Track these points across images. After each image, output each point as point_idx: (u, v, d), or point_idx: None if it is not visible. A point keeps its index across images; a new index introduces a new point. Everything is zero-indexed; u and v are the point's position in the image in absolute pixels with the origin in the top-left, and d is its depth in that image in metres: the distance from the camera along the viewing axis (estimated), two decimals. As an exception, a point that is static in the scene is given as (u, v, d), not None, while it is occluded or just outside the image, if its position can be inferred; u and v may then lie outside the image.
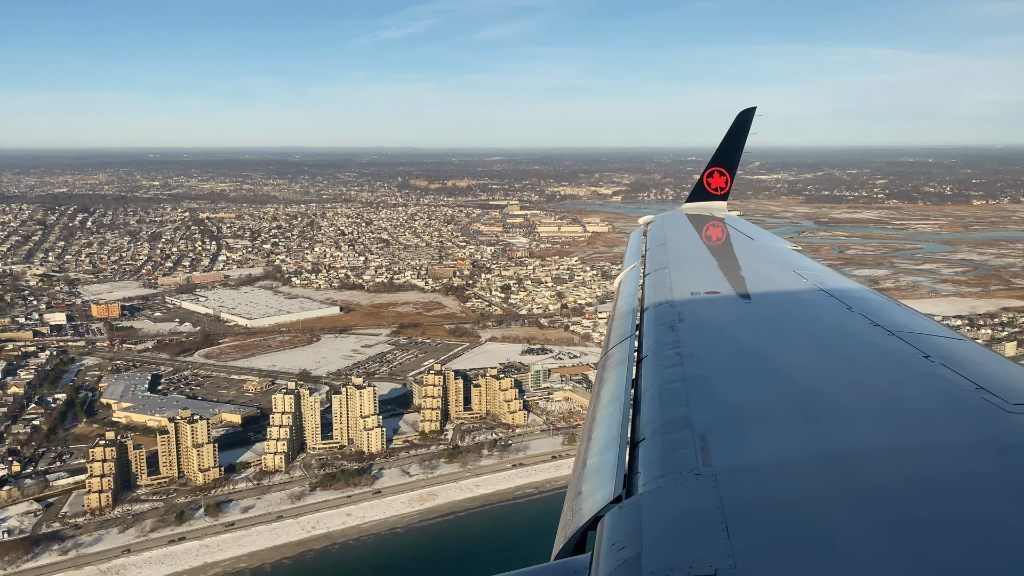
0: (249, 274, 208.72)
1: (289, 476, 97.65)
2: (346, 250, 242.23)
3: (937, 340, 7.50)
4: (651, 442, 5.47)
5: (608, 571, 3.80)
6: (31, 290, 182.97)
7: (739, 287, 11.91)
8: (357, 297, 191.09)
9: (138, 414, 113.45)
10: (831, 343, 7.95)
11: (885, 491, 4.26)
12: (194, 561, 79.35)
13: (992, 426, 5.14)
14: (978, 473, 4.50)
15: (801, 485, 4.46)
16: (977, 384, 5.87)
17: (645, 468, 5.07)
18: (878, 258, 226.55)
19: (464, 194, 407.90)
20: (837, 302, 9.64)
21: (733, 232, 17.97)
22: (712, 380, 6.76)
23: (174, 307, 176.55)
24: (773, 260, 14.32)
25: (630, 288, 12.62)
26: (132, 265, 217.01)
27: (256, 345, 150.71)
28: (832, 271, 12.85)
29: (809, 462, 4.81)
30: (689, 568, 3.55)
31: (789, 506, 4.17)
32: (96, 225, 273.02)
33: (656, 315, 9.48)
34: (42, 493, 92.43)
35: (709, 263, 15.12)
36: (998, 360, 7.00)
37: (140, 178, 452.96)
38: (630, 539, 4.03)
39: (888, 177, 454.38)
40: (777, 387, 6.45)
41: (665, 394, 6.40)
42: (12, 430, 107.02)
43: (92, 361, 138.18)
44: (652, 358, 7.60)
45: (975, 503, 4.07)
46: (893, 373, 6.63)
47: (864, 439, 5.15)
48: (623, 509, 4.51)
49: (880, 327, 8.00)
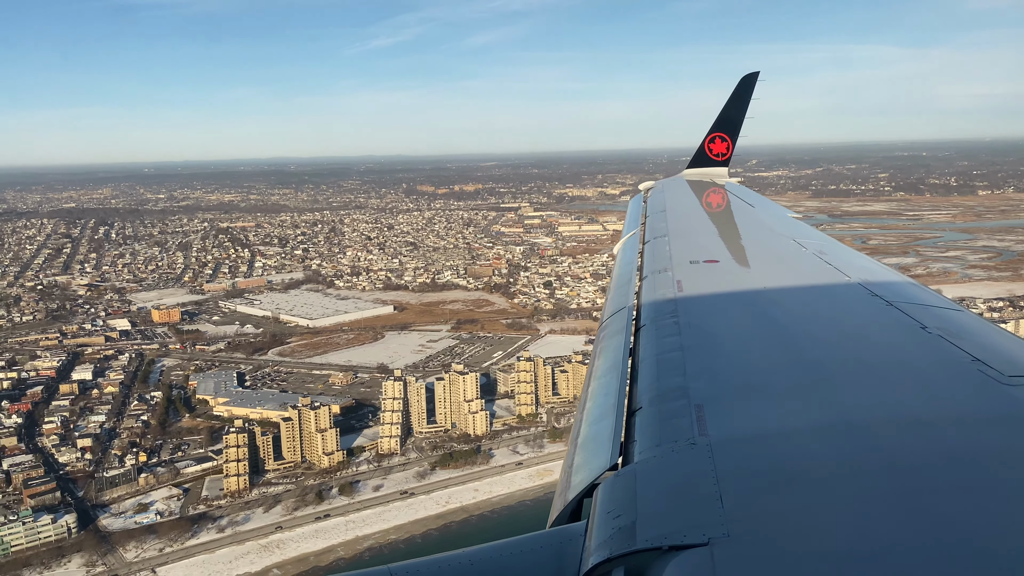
0: (291, 278, 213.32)
1: (405, 458, 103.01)
2: (378, 253, 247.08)
3: (935, 310, 7.53)
4: (647, 411, 5.52)
5: (603, 539, 3.89)
6: (83, 299, 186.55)
7: (739, 256, 11.98)
8: (404, 297, 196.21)
9: (238, 407, 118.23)
10: (829, 312, 8.02)
11: (878, 462, 4.32)
12: (346, 535, 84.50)
13: (987, 398, 5.18)
14: (972, 444, 4.55)
15: (794, 455, 4.54)
16: (974, 356, 5.88)
17: (641, 437, 5.10)
18: (901, 247, 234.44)
19: (472, 198, 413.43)
20: (836, 271, 9.68)
21: (734, 200, 17.90)
22: (709, 350, 6.84)
23: (229, 311, 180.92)
24: (773, 228, 14.36)
25: (629, 256, 12.63)
26: (171, 273, 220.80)
27: (324, 343, 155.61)
28: (832, 240, 12.95)
29: (803, 432, 4.88)
30: (683, 536, 3.61)
31: (783, 476, 4.24)
32: (120, 237, 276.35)
33: (654, 284, 9.53)
34: (175, 480, 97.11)
35: (709, 231, 15.13)
36: (996, 331, 7.01)
37: (144, 192, 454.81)
38: (625, 507, 4.09)
39: (888, 171, 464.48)
40: (774, 357, 6.51)
41: (662, 363, 6.46)
42: (123, 425, 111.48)
43: (171, 362, 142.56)
44: (650, 327, 7.64)
45: (970, 474, 4.14)
46: (890, 344, 6.69)
47: (859, 410, 5.19)
48: (619, 478, 4.58)
49: (879, 297, 7.97)
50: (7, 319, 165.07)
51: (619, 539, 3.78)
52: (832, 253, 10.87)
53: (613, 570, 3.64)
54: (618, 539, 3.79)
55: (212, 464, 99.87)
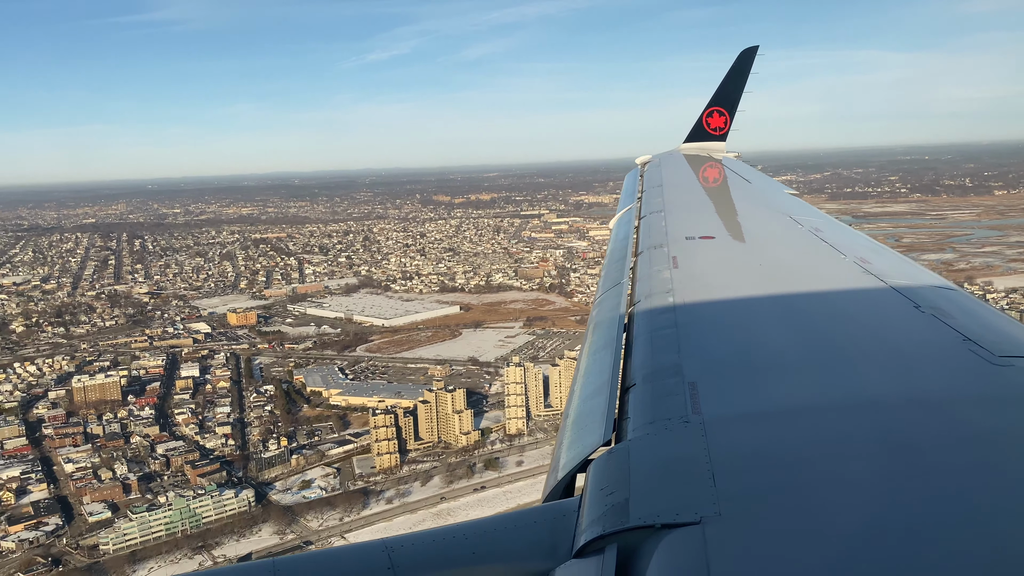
0: (346, 283, 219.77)
1: (533, 438, 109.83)
2: (421, 259, 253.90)
3: (928, 290, 7.57)
4: (641, 388, 5.55)
5: (596, 515, 3.91)
6: (151, 306, 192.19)
7: (735, 232, 12.06)
8: (463, 298, 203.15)
9: (353, 397, 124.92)
10: (823, 290, 8.07)
11: (870, 441, 4.36)
12: (507, 503, 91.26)
13: (977, 378, 5.24)
14: (964, 424, 4.59)
15: (787, 434, 4.58)
16: (965, 335, 5.91)
17: (635, 414, 5.14)
18: (936, 244, 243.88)
19: (488, 207, 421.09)
20: (831, 248, 9.77)
21: (731, 175, 18.02)
22: (704, 327, 6.85)
23: (299, 314, 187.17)
24: (770, 205, 14.46)
25: (624, 231, 12.70)
26: (225, 281, 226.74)
27: (405, 341, 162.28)
28: (828, 216, 13.03)
29: (795, 411, 4.92)
30: (676, 515, 3.63)
31: (774, 455, 4.28)
32: (157, 248, 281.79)
33: (650, 260, 9.58)
34: (321, 461, 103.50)
35: (706, 207, 15.17)
36: (989, 311, 7.11)
37: (158, 207, 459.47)
38: (618, 484, 4.12)
39: (897, 174, 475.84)
40: (768, 335, 6.55)
41: (656, 340, 6.48)
42: (252, 415, 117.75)
43: (266, 360, 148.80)
44: (644, 304, 7.73)
45: (964, 453, 4.19)
46: (883, 322, 6.76)
47: (851, 389, 5.24)
48: (612, 454, 4.61)
49: (873, 275, 8.07)
50: (89, 324, 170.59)
51: (612, 516, 3.81)
52: (828, 230, 11.02)
53: (606, 546, 3.68)
54: (611, 516, 3.82)
55: (353, 446, 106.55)
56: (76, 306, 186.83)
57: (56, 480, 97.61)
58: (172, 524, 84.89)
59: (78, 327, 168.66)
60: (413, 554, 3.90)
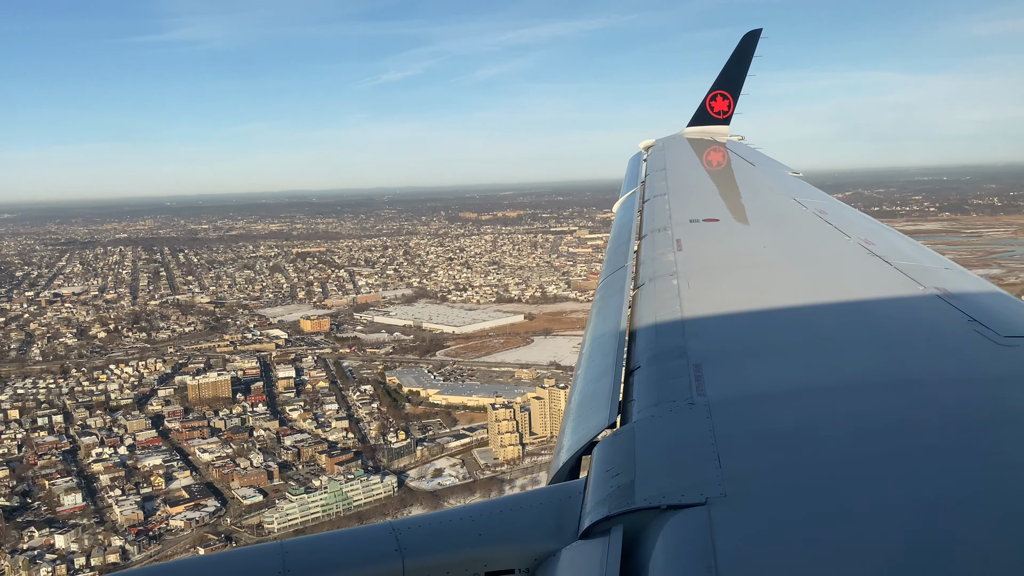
0: (402, 294, 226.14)
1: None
2: (468, 272, 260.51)
3: (932, 271, 7.68)
4: (646, 370, 5.62)
5: (601, 497, 3.97)
6: (218, 314, 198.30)
7: (739, 214, 12.18)
8: (522, 308, 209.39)
9: (452, 396, 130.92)
10: (827, 271, 8.13)
11: (872, 422, 4.40)
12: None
13: (984, 358, 5.28)
14: (969, 405, 4.60)
15: (791, 416, 4.62)
16: (971, 316, 5.97)
17: (639, 396, 5.20)
18: (980, 260, 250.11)
19: (515, 223, 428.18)
20: (836, 230, 9.84)
21: (735, 158, 18.23)
22: (708, 309, 6.87)
23: (367, 322, 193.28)
24: (774, 187, 14.58)
25: (628, 215, 12.85)
26: (281, 291, 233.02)
27: (480, 347, 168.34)
28: (833, 199, 13.11)
29: (799, 393, 4.99)
30: (681, 496, 3.67)
31: (779, 436, 4.32)
32: (202, 262, 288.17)
33: (654, 243, 9.71)
34: (442, 453, 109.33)
35: (710, 190, 15.34)
36: (994, 292, 7.17)
37: (185, 223, 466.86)
38: (623, 466, 4.17)
39: (920, 194, 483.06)
40: (772, 316, 6.64)
41: (661, 322, 6.56)
42: (360, 412, 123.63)
43: (352, 363, 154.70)
44: (648, 286, 7.82)
45: (968, 434, 4.20)
46: (888, 304, 6.82)
47: (855, 370, 5.30)
48: (617, 436, 4.68)
49: (877, 257, 8.10)
50: (168, 329, 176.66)
51: (618, 497, 3.86)
52: (833, 212, 11.08)
53: (612, 528, 3.72)
54: (617, 497, 3.87)
55: (469, 439, 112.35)
56: (148, 314, 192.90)
57: (196, 468, 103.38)
58: (328, 505, 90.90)
59: (158, 332, 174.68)
60: (420, 536, 3.99)
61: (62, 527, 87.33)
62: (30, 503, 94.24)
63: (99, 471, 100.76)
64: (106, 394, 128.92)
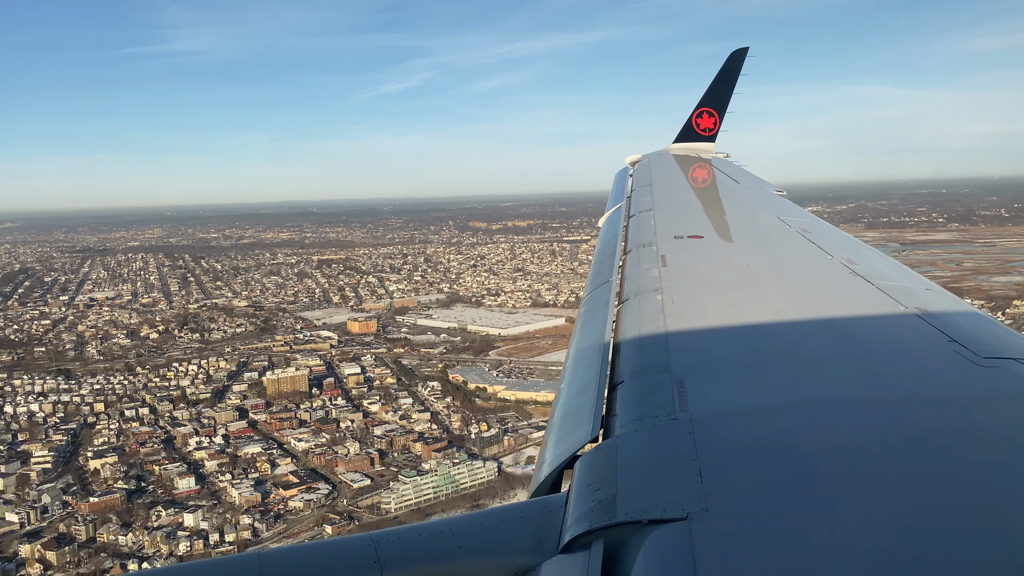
0: (436, 299, 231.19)
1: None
2: (494, 278, 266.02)
3: (913, 291, 7.77)
4: (629, 385, 5.62)
5: (583, 511, 3.96)
6: (262, 316, 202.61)
7: (723, 232, 12.37)
8: (560, 312, 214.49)
9: (519, 392, 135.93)
10: (809, 289, 8.28)
11: (853, 439, 4.44)
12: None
13: (962, 379, 5.32)
14: (948, 424, 4.65)
15: (773, 432, 4.64)
16: (950, 336, 6.05)
17: (622, 411, 5.19)
18: (999, 269, 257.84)
19: (526, 233, 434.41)
20: (819, 249, 10.03)
21: (720, 175, 18.54)
22: (692, 325, 6.93)
23: (410, 324, 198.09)
24: (758, 205, 14.83)
25: (613, 229, 13.06)
26: (313, 296, 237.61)
27: (529, 347, 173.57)
28: (816, 218, 13.37)
29: (781, 410, 5.01)
30: (663, 511, 3.67)
31: (761, 452, 4.34)
32: (225, 268, 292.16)
33: (638, 258, 9.77)
34: (527, 443, 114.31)
35: (695, 206, 15.56)
36: (974, 312, 7.25)
37: (194, 231, 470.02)
38: (605, 480, 4.17)
39: (923, 206, 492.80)
40: (755, 334, 6.68)
41: (644, 337, 6.59)
42: (436, 406, 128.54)
43: (409, 362, 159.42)
44: (633, 301, 7.86)
45: (949, 453, 4.24)
46: (869, 323, 6.87)
47: (837, 388, 5.33)
48: (599, 451, 4.68)
49: (859, 276, 8.22)
50: (219, 331, 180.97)
51: (599, 512, 3.85)
52: (815, 230, 11.31)
53: (593, 542, 3.71)
54: (598, 512, 3.86)
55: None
56: (193, 316, 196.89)
57: (294, 456, 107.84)
58: (438, 488, 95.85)
59: (210, 334, 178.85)
60: (399, 548, 3.96)
61: (184, 508, 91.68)
62: (145, 486, 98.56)
63: (202, 458, 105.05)
64: (180, 389, 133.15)
